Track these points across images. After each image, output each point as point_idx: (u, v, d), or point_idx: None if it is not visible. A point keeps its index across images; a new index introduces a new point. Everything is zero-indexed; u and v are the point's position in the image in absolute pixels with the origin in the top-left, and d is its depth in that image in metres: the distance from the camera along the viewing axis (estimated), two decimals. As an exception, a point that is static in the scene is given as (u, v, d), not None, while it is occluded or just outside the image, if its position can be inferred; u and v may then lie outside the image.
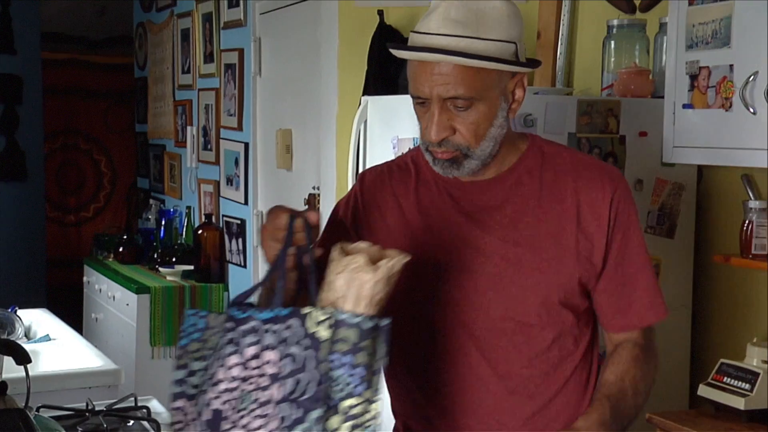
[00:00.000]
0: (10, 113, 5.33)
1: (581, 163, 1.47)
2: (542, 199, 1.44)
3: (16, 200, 5.35)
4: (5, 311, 2.94)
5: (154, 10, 5.15)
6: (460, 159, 1.39)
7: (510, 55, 1.36)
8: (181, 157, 4.82)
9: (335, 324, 1.20)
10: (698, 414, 2.02)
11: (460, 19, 1.34)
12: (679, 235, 2.24)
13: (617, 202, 1.44)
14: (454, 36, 1.34)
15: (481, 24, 1.34)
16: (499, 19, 1.35)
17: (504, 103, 1.39)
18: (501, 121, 1.39)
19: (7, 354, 1.92)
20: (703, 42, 1.93)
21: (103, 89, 6.26)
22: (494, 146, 1.40)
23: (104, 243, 4.92)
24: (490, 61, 1.34)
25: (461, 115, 1.37)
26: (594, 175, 1.45)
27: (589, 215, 1.43)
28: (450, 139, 1.38)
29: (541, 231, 1.42)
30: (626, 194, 1.46)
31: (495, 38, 1.34)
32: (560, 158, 1.47)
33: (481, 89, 1.35)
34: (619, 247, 1.44)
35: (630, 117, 2.18)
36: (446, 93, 1.35)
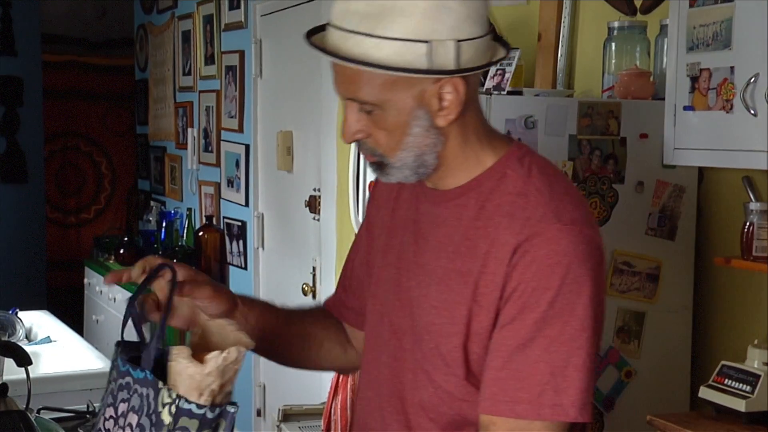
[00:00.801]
0: (10, 115, 5.33)
1: (523, 195, 1.19)
2: (471, 230, 1.21)
3: (16, 202, 5.35)
4: (6, 313, 2.94)
5: (155, 12, 5.15)
6: (383, 166, 1.22)
7: (417, 58, 1.12)
8: (181, 158, 4.82)
9: (177, 412, 1.13)
10: (699, 416, 2.01)
11: (360, 10, 1.13)
12: (680, 237, 2.24)
13: (522, 253, 1.15)
14: (346, 31, 1.14)
15: (384, 17, 1.12)
16: (411, 12, 1.12)
17: (421, 110, 1.17)
18: (420, 131, 1.18)
19: (7, 356, 1.92)
20: (703, 44, 1.93)
21: (103, 91, 6.26)
22: (419, 156, 1.20)
23: (105, 245, 4.93)
24: (374, 67, 1.12)
25: (372, 120, 1.19)
26: (522, 213, 1.17)
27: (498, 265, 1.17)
28: (365, 143, 1.22)
29: (454, 267, 1.21)
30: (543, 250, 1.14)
31: (397, 36, 1.12)
32: (513, 186, 1.21)
33: (382, 94, 1.16)
34: (506, 313, 1.17)
35: (631, 119, 2.18)
36: (345, 94, 1.19)
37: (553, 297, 1.14)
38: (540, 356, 1.14)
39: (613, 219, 2.18)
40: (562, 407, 1.13)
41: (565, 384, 1.14)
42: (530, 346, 1.14)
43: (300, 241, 3.62)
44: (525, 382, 1.14)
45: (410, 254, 1.29)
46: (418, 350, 1.26)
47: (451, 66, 1.15)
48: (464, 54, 1.15)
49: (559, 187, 1.22)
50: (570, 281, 1.14)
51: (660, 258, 2.22)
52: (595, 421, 2.19)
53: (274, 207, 3.90)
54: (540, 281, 1.14)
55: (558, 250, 1.15)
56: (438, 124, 1.19)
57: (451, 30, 1.14)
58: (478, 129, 1.25)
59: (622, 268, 2.19)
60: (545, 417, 1.13)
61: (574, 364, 1.14)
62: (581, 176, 2.15)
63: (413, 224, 1.30)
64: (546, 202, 1.18)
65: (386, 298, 1.33)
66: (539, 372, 1.14)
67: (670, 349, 2.26)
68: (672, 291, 2.24)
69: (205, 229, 4.23)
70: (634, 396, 2.21)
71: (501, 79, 2.24)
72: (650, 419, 2.00)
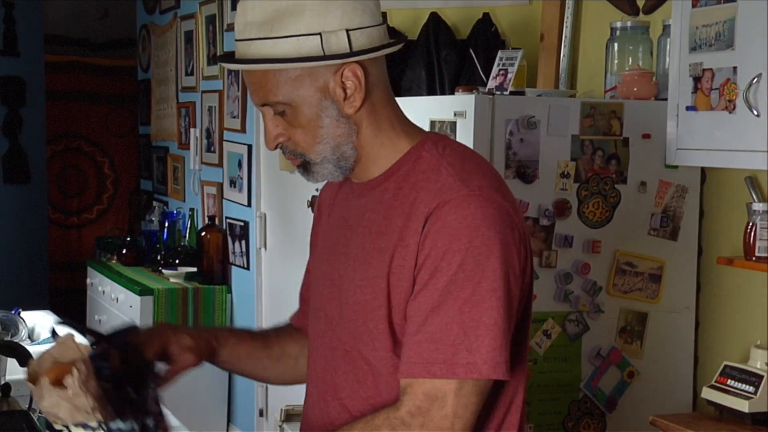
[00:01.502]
0: (13, 116, 5.33)
1: (435, 171, 1.26)
2: (390, 210, 1.28)
3: (18, 203, 5.35)
4: (8, 313, 2.94)
5: (157, 13, 5.15)
6: (307, 166, 1.30)
7: (312, 49, 1.22)
8: (184, 159, 4.82)
9: None
10: (701, 417, 2.01)
11: (256, 19, 1.24)
12: (683, 238, 2.24)
13: (433, 221, 1.21)
14: (246, 40, 1.25)
15: (277, 21, 1.23)
16: (300, 11, 1.22)
17: (328, 101, 1.25)
18: (331, 121, 1.26)
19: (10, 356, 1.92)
20: (706, 44, 1.93)
21: (105, 93, 6.26)
22: (337, 148, 1.27)
23: (107, 245, 4.92)
24: (273, 63, 1.22)
25: (287, 120, 1.27)
26: (433, 185, 1.24)
27: (413, 235, 1.23)
28: (286, 146, 1.29)
29: (375, 245, 1.27)
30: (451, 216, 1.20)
31: (291, 34, 1.22)
32: (427, 164, 1.27)
33: (289, 92, 1.24)
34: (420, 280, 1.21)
35: (633, 119, 2.18)
36: (258, 100, 1.28)
37: (462, 259, 1.19)
38: (452, 317, 1.18)
39: (616, 219, 2.18)
40: (475, 365, 1.18)
41: (477, 343, 1.18)
42: (443, 308, 1.19)
43: (302, 241, 3.60)
44: (439, 344, 1.18)
45: (340, 247, 1.35)
46: (347, 332, 1.31)
47: (345, 52, 1.24)
48: (356, 41, 1.24)
49: (472, 162, 1.29)
50: (478, 244, 1.19)
51: (663, 258, 2.22)
52: (598, 421, 2.19)
53: (277, 207, 3.90)
54: (449, 245, 1.19)
55: (466, 214, 1.20)
56: (347, 112, 1.27)
57: (339, 21, 1.24)
58: (391, 117, 1.32)
59: (625, 269, 2.19)
60: (459, 375, 1.18)
61: (486, 323, 1.18)
62: (583, 176, 2.15)
63: (344, 220, 1.37)
64: (456, 173, 1.25)
65: (321, 293, 1.39)
66: (451, 333, 1.18)
67: (673, 350, 2.25)
68: (674, 291, 2.24)
69: (208, 230, 4.23)
70: (636, 396, 2.21)
71: (503, 79, 2.24)
72: (653, 420, 2.00)
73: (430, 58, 2.78)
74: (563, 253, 2.14)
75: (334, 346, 1.34)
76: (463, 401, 1.18)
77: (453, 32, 2.87)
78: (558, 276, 2.14)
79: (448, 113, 2.15)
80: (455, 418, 1.18)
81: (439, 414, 1.18)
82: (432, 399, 1.18)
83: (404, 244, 1.24)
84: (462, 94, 2.22)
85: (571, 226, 2.14)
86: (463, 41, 2.85)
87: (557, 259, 2.13)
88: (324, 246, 1.42)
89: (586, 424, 2.18)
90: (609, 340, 2.19)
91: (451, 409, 1.18)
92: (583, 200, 2.15)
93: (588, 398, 2.18)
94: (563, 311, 2.15)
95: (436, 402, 1.18)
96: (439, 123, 2.19)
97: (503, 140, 2.07)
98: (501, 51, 2.36)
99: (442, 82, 2.77)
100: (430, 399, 1.18)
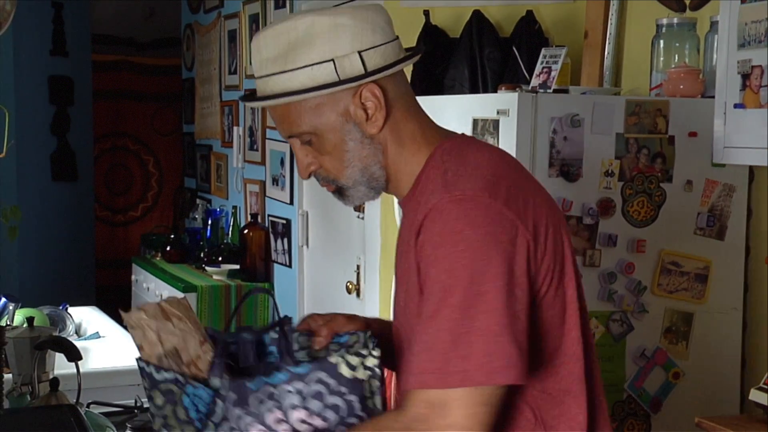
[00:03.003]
0: (61, 115, 5.42)
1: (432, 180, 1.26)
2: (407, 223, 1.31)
3: (66, 200, 5.45)
4: (56, 309, 2.99)
5: (201, 12, 5.21)
6: (342, 191, 1.33)
7: (327, 76, 1.25)
8: (227, 157, 4.87)
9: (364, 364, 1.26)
10: (749, 419, 1.98)
11: (270, 55, 1.27)
12: (730, 237, 2.21)
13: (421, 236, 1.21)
14: (264, 77, 1.29)
15: (291, 53, 1.26)
16: (310, 40, 1.25)
17: (350, 124, 1.27)
18: (355, 144, 1.28)
19: (58, 351, 1.95)
20: (755, 40, 1.90)
21: (151, 91, 6.34)
22: (365, 170, 1.29)
23: (152, 242, 4.99)
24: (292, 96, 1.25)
25: (315, 149, 1.30)
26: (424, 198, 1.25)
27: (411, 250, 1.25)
28: (319, 173, 1.33)
29: (403, 268, 1.31)
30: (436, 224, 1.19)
31: (304, 64, 1.25)
32: (430, 174, 1.28)
33: (312, 121, 1.27)
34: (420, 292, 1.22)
35: (679, 117, 2.15)
36: (285, 133, 1.31)
37: (449, 265, 1.17)
38: (442, 325, 1.16)
39: (661, 218, 2.15)
40: (468, 373, 1.14)
41: (470, 350, 1.15)
42: (436, 317, 1.17)
43: (344, 239, 3.63)
44: (431, 353, 1.16)
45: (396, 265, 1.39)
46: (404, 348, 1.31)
47: (360, 73, 1.26)
48: (370, 61, 1.26)
49: (469, 166, 1.25)
50: (463, 247, 1.17)
51: (709, 258, 2.19)
52: (642, 422, 2.17)
53: (319, 205, 3.92)
54: (435, 252, 1.19)
55: (448, 219, 1.19)
56: (370, 133, 1.28)
57: (350, 44, 1.26)
58: (414, 130, 1.32)
59: (670, 268, 2.17)
60: (452, 384, 1.15)
61: (479, 328, 1.15)
62: (628, 175, 2.12)
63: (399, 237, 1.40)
64: (443, 180, 1.23)
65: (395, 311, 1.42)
66: (442, 341, 1.16)
67: (719, 351, 2.22)
68: (721, 291, 2.21)
69: (250, 227, 4.26)
70: (681, 398, 2.18)
71: (547, 77, 2.23)
72: (698, 421, 1.97)
73: (473, 56, 2.77)
74: (607, 253, 2.12)
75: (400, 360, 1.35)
76: (468, 411, 1.15)
77: (496, 30, 2.86)
78: (602, 275, 2.12)
79: (491, 111, 2.14)
80: (462, 429, 1.15)
81: (442, 423, 1.15)
82: (432, 406, 1.16)
83: (410, 259, 1.25)
84: (505, 92, 2.21)
85: (616, 225, 2.12)
86: (506, 39, 2.83)
87: (601, 258, 2.12)
88: None
89: (631, 424, 2.16)
90: (654, 340, 2.17)
91: (453, 419, 1.15)
92: (628, 199, 2.13)
93: (632, 399, 2.15)
94: (607, 311, 2.13)
95: (435, 410, 1.16)
96: (482, 121, 2.19)
97: (547, 138, 2.06)
98: (544, 49, 2.34)
99: (485, 80, 2.76)
100: (430, 406, 1.16)
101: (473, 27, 2.82)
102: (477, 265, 1.16)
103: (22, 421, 1.60)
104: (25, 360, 1.98)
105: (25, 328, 2.09)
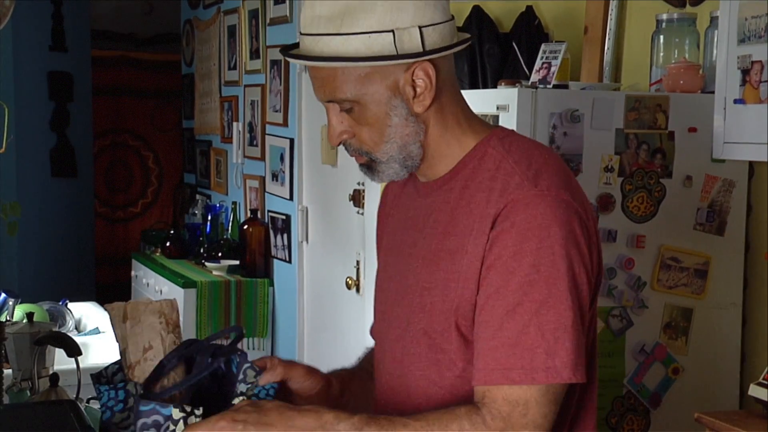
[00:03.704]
0: (61, 110, 5.42)
1: (501, 169, 1.23)
2: (456, 209, 1.25)
3: (66, 196, 5.45)
4: (56, 304, 3.00)
5: (201, 7, 5.20)
6: (372, 165, 1.27)
7: (384, 47, 1.18)
8: (227, 152, 4.87)
9: None
10: (749, 414, 1.98)
11: (324, 14, 1.20)
12: (729, 233, 2.21)
13: (501, 222, 1.18)
14: (314, 35, 1.20)
15: (347, 16, 1.18)
16: (372, 6, 1.18)
17: (397, 99, 1.22)
18: (400, 120, 1.23)
19: (58, 346, 1.96)
20: (755, 36, 1.90)
21: (151, 87, 6.34)
22: (404, 147, 1.24)
23: (152, 238, 4.99)
24: (345, 62, 1.18)
25: (353, 118, 1.24)
26: (500, 184, 1.21)
27: (479, 237, 1.20)
28: (351, 143, 1.26)
29: (443, 247, 1.24)
30: (521, 215, 1.17)
31: (362, 30, 1.18)
32: (492, 162, 1.24)
33: (358, 89, 1.21)
34: (490, 282, 1.18)
35: (679, 112, 2.15)
36: (324, 97, 1.24)
37: (534, 260, 1.15)
38: (529, 320, 1.14)
39: (661, 214, 2.15)
40: (555, 369, 1.14)
41: (557, 346, 1.14)
42: (518, 311, 1.15)
43: (344, 235, 3.63)
44: (516, 348, 1.14)
45: (406, 248, 1.32)
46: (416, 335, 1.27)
47: (418, 50, 1.20)
48: (429, 38, 1.21)
49: (539, 158, 1.25)
50: (550, 244, 1.16)
51: (709, 254, 2.19)
52: (642, 417, 2.17)
53: (319, 201, 3.92)
54: (520, 246, 1.16)
55: (536, 214, 1.17)
56: (416, 111, 1.24)
57: (413, 18, 1.20)
58: (458, 114, 1.29)
59: (670, 264, 2.17)
60: (539, 381, 1.14)
61: (563, 325, 1.14)
62: (628, 171, 2.12)
63: (410, 220, 1.34)
64: (523, 172, 1.21)
65: (388, 297, 1.36)
66: (529, 337, 1.14)
67: (719, 346, 2.22)
68: (721, 287, 2.21)
69: (250, 223, 4.26)
70: (681, 393, 2.18)
71: (546, 72, 2.23)
72: (698, 417, 1.97)
73: (472, 52, 2.77)
74: (607, 248, 2.12)
75: (405, 350, 1.30)
76: (545, 410, 1.14)
77: (496, 25, 2.85)
78: (601, 271, 2.12)
79: (490, 107, 2.14)
80: (535, 428, 1.14)
81: (521, 421, 1.14)
82: (513, 404, 1.14)
83: (471, 245, 1.21)
84: (505, 87, 2.21)
85: (615, 220, 2.12)
86: (505, 34, 2.83)
87: (601, 253, 2.12)
88: (390, 247, 1.39)
89: (630, 420, 2.16)
90: (653, 335, 2.17)
91: (532, 417, 1.14)
92: (627, 194, 2.13)
93: (632, 394, 2.16)
94: (607, 306, 2.13)
95: (517, 408, 1.14)
96: (481, 117, 2.18)
97: (546, 134, 2.06)
98: (544, 44, 2.34)
99: (485, 75, 2.76)
100: (511, 404, 1.14)
101: (473, 22, 2.81)
102: (562, 262, 1.16)
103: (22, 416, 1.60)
104: (25, 355, 1.98)
105: (25, 324, 2.09)
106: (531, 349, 1.14)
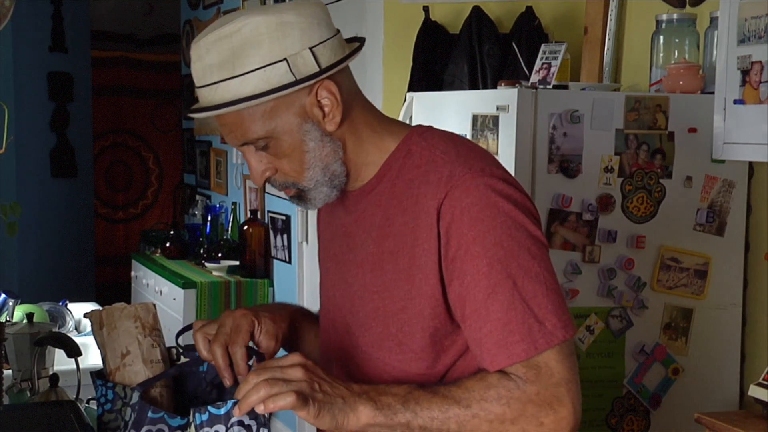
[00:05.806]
0: (61, 111, 5.42)
1: (432, 162, 1.24)
2: (389, 210, 1.26)
3: (66, 197, 5.45)
4: (56, 305, 3.00)
5: (201, 8, 5.20)
6: (302, 194, 1.27)
7: (282, 77, 1.19)
8: (227, 153, 4.87)
9: None
10: (748, 415, 1.98)
11: (214, 61, 1.20)
12: (729, 233, 2.21)
13: (448, 211, 1.19)
14: (210, 85, 1.21)
15: (237, 57, 1.19)
16: (258, 41, 1.19)
17: (308, 124, 1.23)
18: (315, 143, 1.23)
19: (58, 347, 1.95)
20: (755, 36, 1.90)
21: (151, 88, 6.34)
22: (327, 169, 1.25)
23: (152, 238, 4.99)
24: (247, 101, 1.18)
25: (271, 153, 1.24)
26: (434, 176, 1.22)
27: (426, 230, 1.21)
28: (275, 178, 1.27)
29: (383, 249, 1.26)
30: (466, 200, 1.19)
31: (256, 67, 1.19)
32: (420, 157, 1.25)
33: (267, 125, 1.21)
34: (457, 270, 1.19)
35: (679, 113, 2.15)
36: (237, 141, 1.25)
37: (495, 238, 1.18)
38: (511, 297, 1.17)
39: (660, 214, 2.15)
40: (552, 333, 1.17)
41: (544, 311, 1.18)
42: (498, 291, 1.18)
43: (344, 236, 3.63)
44: (511, 326, 1.17)
45: (343, 255, 1.34)
46: (367, 339, 1.29)
47: (315, 70, 1.21)
48: (322, 57, 1.22)
49: (463, 146, 1.28)
50: (503, 219, 1.19)
51: (708, 254, 2.19)
52: (642, 418, 2.17)
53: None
54: (477, 228, 1.18)
55: (479, 194, 1.19)
56: (329, 130, 1.25)
57: (301, 41, 1.21)
58: (371, 121, 1.30)
59: (670, 264, 2.17)
60: (542, 348, 1.17)
61: (541, 291, 1.18)
62: (628, 171, 2.12)
63: (343, 228, 1.35)
64: (453, 160, 1.23)
65: (334, 303, 1.37)
66: (517, 311, 1.17)
67: (719, 347, 2.22)
68: (721, 287, 2.21)
69: (250, 223, 4.26)
70: (681, 393, 2.18)
71: (546, 73, 2.23)
72: (698, 417, 1.97)
73: (472, 53, 2.77)
74: (607, 249, 2.12)
75: (353, 354, 1.32)
76: (567, 363, 1.18)
77: (496, 26, 2.85)
78: (601, 271, 2.12)
79: (490, 107, 2.14)
80: (568, 383, 1.17)
81: (552, 381, 1.17)
82: (537, 369, 1.17)
83: (420, 242, 1.22)
84: (505, 88, 2.21)
85: (615, 221, 2.12)
86: (505, 35, 2.83)
87: (600, 254, 2.12)
88: (329, 257, 1.40)
89: (630, 420, 2.16)
90: (653, 336, 2.17)
91: (559, 376, 1.17)
92: (627, 195, 2.13)
93: (632, 395, 2.16)
94: (607, 307, 2.13)
95: (542, 371, 1.17)
96: (481, 117, 2.19)
97: (546, 134, 2.06)
98: (544, 45, 2.34)
99: (485, 76, 2.76)
100: (535, 369, 1.17)
101: (473, 23, 2.82)
102: (520, 232, 1.19)
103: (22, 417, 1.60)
104: (25, 356, 1.98)
105: (24, 324, 2.09)
106: (524, 322, 1.17)
